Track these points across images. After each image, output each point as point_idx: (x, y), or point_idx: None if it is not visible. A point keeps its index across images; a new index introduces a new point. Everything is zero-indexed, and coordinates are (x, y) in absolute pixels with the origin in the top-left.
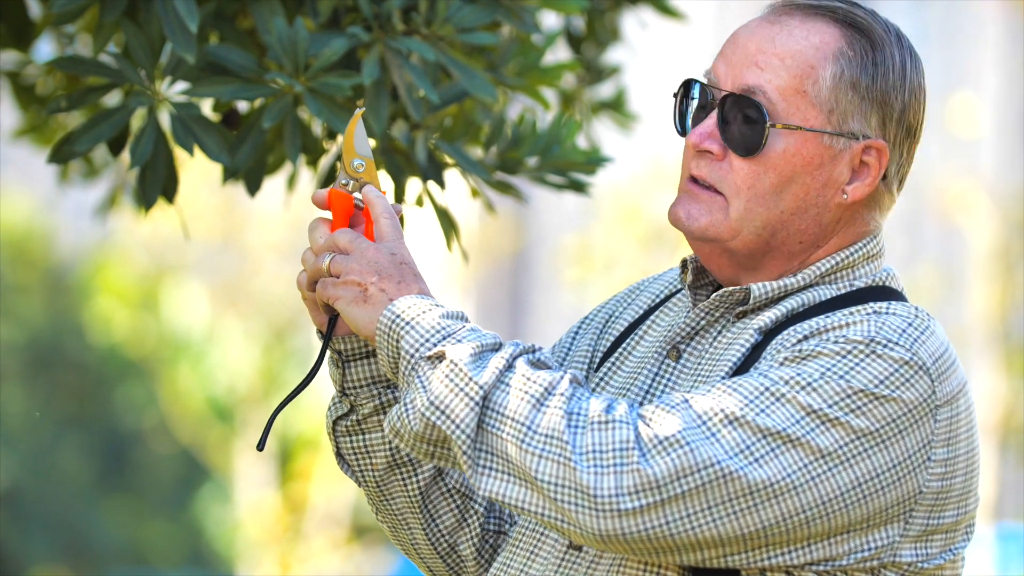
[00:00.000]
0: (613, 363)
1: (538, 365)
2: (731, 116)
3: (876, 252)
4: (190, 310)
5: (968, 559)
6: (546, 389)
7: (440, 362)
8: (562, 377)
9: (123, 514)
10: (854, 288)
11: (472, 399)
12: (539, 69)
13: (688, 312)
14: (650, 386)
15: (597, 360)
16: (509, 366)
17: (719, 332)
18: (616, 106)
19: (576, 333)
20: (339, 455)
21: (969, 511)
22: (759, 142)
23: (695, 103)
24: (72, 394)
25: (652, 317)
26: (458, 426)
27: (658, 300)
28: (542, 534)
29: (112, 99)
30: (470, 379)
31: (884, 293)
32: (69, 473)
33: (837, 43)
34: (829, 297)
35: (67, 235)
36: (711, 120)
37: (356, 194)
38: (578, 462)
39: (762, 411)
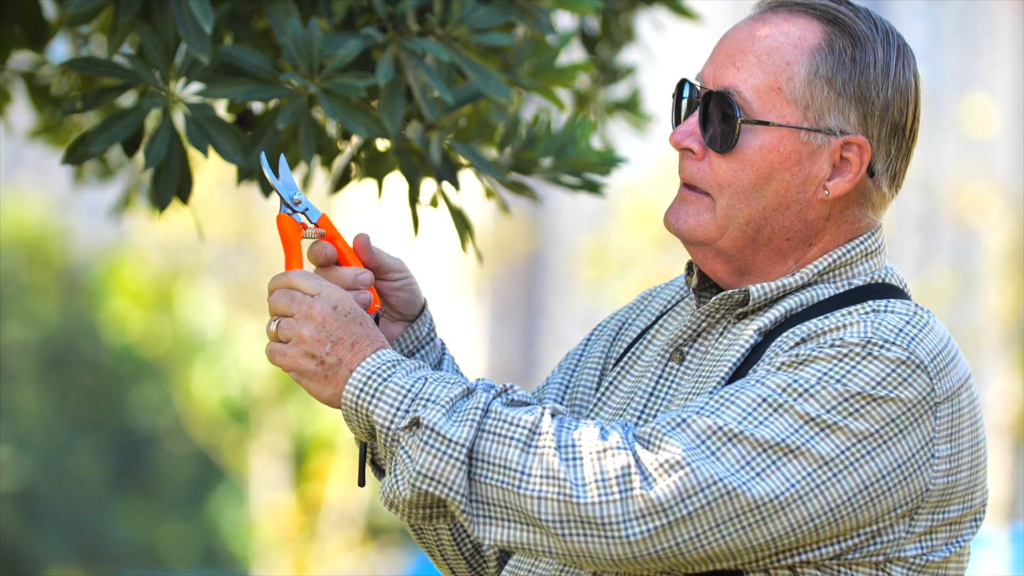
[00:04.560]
0: (622, 368)
1: (515, 404)
2: (712, 115)
3: (875, 249)
4: (205, 310)
5: (982, 561)
6: (530, 430)
7: (416, 430)
8: (543, 413)
9: (138, 514)
10: (853, 286)
11: (457, 459)
12: (554, 70)
13: (691, 315)
14: (654, 389)
15: (610, 366)
16: (485, 412)
17: (720, 334)
18: (631, 107)
19: (588, 341)
20: (373, 463)
21: (975, 505)
22: (731, 138)
23: (684, 103)
24: (87, 394)
25: (660, 322)
26: (451, 488)
27: (669, 306)
28: None
29: (127, 100)
30: (450, 441)
31: (884, 291)
32: (84, 473)
33: (816, 39)
34: (828, 296)
35: (82, 235)
36: (693, 119)
37: (308, 224)
38: (580, 495)
39: (760, 423)
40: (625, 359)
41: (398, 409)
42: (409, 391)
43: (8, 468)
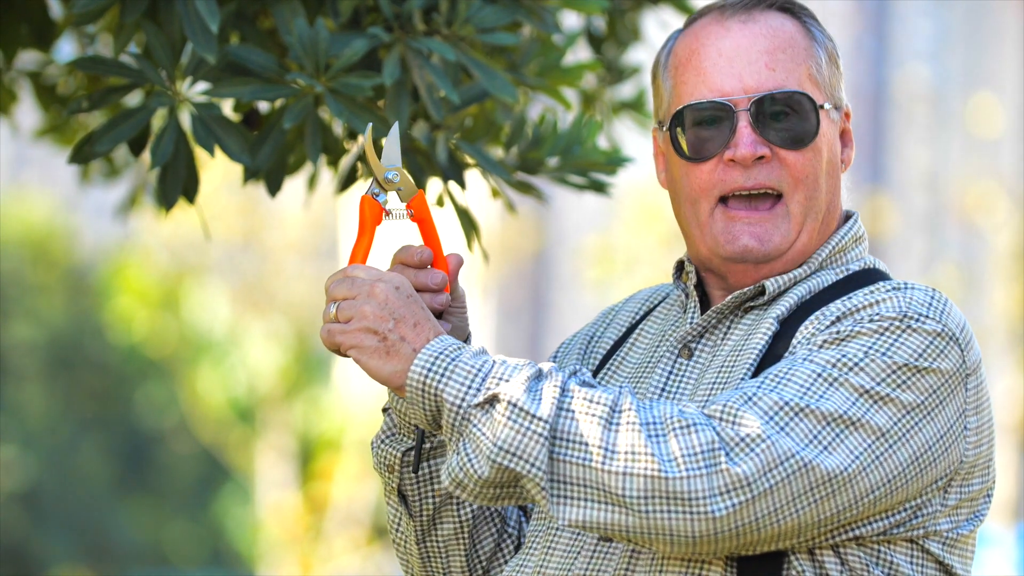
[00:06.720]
0: (606, 373)
1: (588, 385)
2: (764, 118)
3: (861, 235)
4: (211, 310)
5: (987, 560)
6: (611, 408)
7: (495, 405)
8: (620, 391)
9: (144, 514)
10: (850, 271)
11: (541, 435)
12: (560, 69)
13: (694, 312)
14: (665, 385)
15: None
16: (564, 392)
17: (729, 327)
18: (637, 106)
19: (555, 358)
20: (398, 491)
21: (989, 479)
22: (814, 128)
23: (703, 126)
24: (92, 394)
25: (638, 329)
26: (532, 464)
27: (638, 317)
28: (557, 530)
29: (133, 99)
30: (533, 416)
31: (880, 275)
32: (90, 473)
33: (802, 26)
34: (832, 282)
35: (88, 235)
36: (745, 129)
37: (398, 204)
38: (668, 469)
39: (821, 397)
40: (608, 366)
41: (470, 387)
42: (480, 371)
43: (14, 468)
